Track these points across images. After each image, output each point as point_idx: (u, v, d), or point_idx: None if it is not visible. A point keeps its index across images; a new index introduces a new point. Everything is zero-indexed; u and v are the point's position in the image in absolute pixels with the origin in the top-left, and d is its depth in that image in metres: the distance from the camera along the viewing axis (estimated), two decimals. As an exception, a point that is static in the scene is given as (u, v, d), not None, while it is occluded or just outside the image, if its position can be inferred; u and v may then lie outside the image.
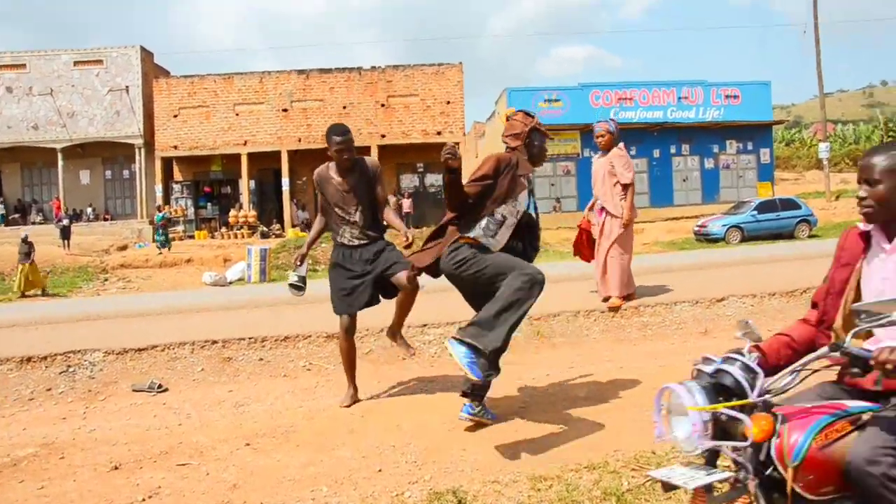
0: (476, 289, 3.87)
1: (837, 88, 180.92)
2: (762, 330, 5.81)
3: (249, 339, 6.10)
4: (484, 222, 3.84)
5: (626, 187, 6.74)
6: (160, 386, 5.44)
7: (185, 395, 5.27)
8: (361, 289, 4.58)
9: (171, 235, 24.16)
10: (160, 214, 24.65)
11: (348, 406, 4.68)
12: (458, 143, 22.39)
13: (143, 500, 3.39)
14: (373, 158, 4.95)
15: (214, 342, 6.08)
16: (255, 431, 4.28)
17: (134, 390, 5.44)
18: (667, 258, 14.45)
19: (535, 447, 3.71)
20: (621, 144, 7.03)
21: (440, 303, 6.18)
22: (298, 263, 4.89)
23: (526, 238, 4.13)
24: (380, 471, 3.53)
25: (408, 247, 4.37)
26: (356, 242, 4.64)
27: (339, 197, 4.62)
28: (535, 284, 3.63)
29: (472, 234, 3.83)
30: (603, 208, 6.93)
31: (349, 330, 4.67)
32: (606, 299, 6.67)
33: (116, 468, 3.83)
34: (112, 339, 6.41)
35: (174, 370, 5.79)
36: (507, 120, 4.10)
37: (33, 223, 30.46)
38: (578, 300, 6.72)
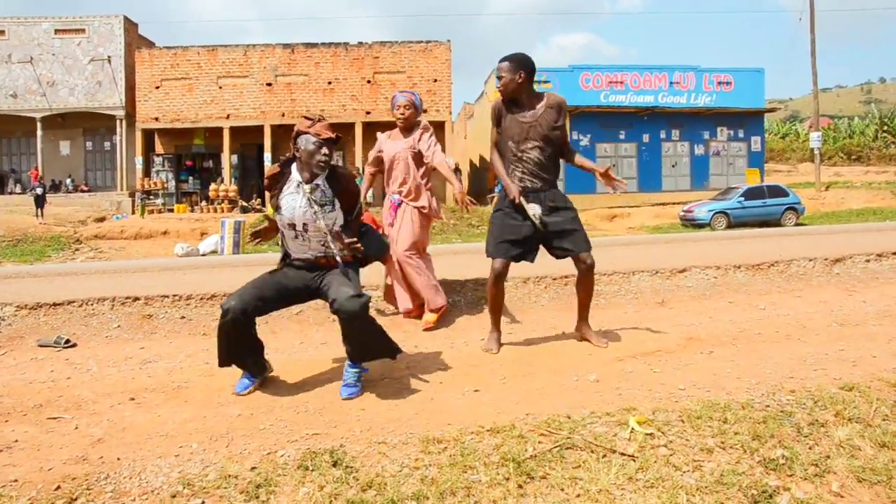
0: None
1: (836, 84, 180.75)
2: (722, 302, 5.44)
3: (174, 296, 5.69)
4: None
5: (431, 171, 5.40)
6: (67, 341, 5.04)
7: (92, 352, 4.86)
8: (523, 241, 4.28)
9: (148, 208, 21.38)
10: None
11: (496, 352, 4.38)
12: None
13: (-8, 454, 3.00)
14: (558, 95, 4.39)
15: (136, 299, 5.66)
16: (145, 386, 3.89)
17: (39, 345, 5.03)
18: (634, 237, 14.10)
19: (439, 408, 3.34)
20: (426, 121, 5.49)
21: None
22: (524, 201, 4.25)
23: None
24: (262, 428, 3.15)
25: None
26: (528, 184, 4.26)
27: (519, 129, 4.25)
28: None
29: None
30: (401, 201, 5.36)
31: (500, 275, 4.35)
32: (410, 314, 5.44)
33: (-22, 421, 3.44)
34: (34, 294, 6.01)
35: (89, 326, 5.38)
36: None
37: (11, 193, 29.97)
38: (530, 266, 6.31)
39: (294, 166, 3.72)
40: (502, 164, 4.41)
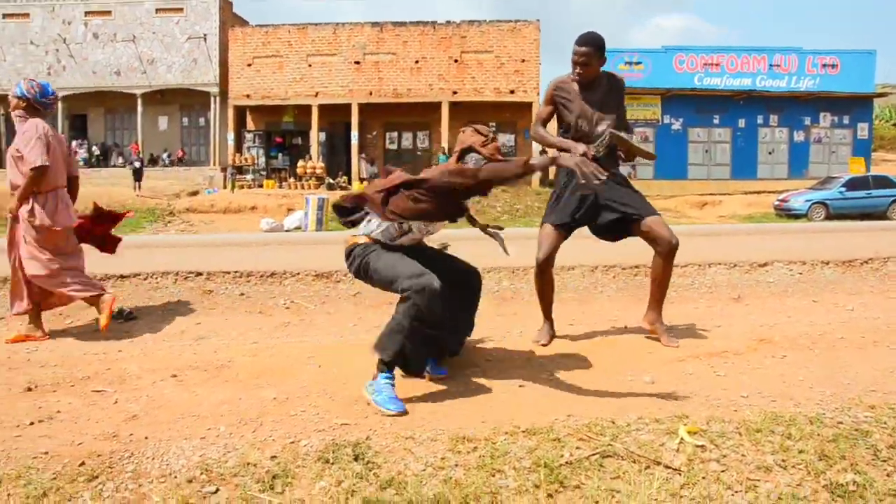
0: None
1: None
2: (805, 301, 5.03)
3: (235, 272, 5.73)
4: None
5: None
6: (130, 313, 5.13)
7: (150, 325, 4.94)
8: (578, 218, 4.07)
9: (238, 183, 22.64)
10: None
11: (546, 344, 4.19)
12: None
13: (32, 423, 3.04)
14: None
15: (199, 274, 5.74)
16: (189, 363, 3.88)
17: (103, 316, 5.15)
18: (714, 227, 13.42)
19: (479, 403, 3.17)
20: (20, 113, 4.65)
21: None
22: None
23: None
24: (293, 415, 3.06)
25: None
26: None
27: (590, 110, 4.06)
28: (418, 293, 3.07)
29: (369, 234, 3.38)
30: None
31: (545, 263, 4.14)
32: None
33: (30, 389, 3.51)
34: (106, 266, 6.17)
35: (152, 299, 5.48)
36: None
37: (113, 166, 31.41)
38: (598, 255, 6.01)
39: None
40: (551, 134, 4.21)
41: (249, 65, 28.53)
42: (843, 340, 4.11)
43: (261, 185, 28.44)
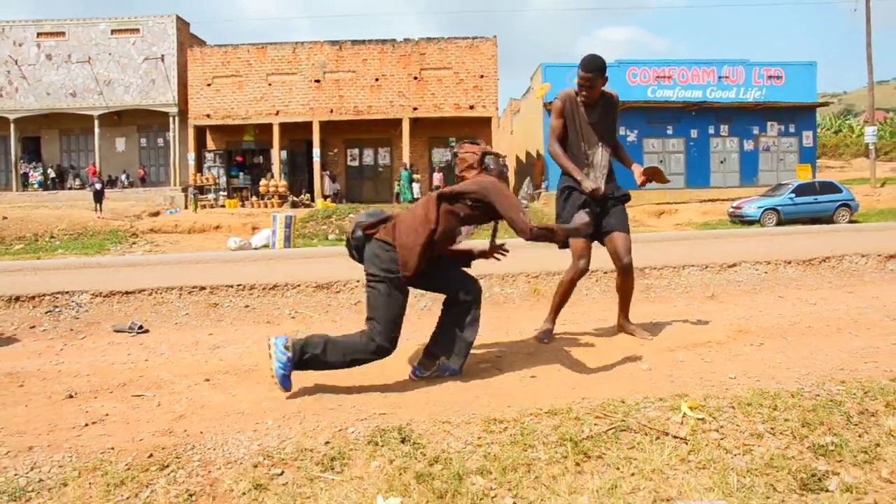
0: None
1: (893, 77, 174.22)
2: (772, 297, 5.48)
3: (238, 285, 5.97)
4: None
5: None
6: (141, 327, 5.35)
7: (164, 337, 5.16)
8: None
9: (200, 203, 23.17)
10: None
11: (548, 342, 4.51)
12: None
13: (87, 425, 3.27)
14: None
15: (202, 288, 5.96)
16: (218, 369, 4.14)
17: (115, 330, 5.35)
18: (685, 233, 14.03)
19: (498, 392, 3.50)
20: None
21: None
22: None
23: None
24: (332, 408, 3.35)
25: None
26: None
27: (587, 130, 4.46)
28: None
29: None
30: None
31: (583, 272, 4.54)
32: None
33: (71, 397, 3.72)
34: (106, 283, 6.34)
35: (159, 313, 5.69)
36: (460, 154, 4.09)
37: (70, 188, 31.01)
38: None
39: None
40: (567, 157, 4.51)
41: (209, 84, 28.55)
42: (811, 329, 4.56)
43: (223, 205, 28.39)
